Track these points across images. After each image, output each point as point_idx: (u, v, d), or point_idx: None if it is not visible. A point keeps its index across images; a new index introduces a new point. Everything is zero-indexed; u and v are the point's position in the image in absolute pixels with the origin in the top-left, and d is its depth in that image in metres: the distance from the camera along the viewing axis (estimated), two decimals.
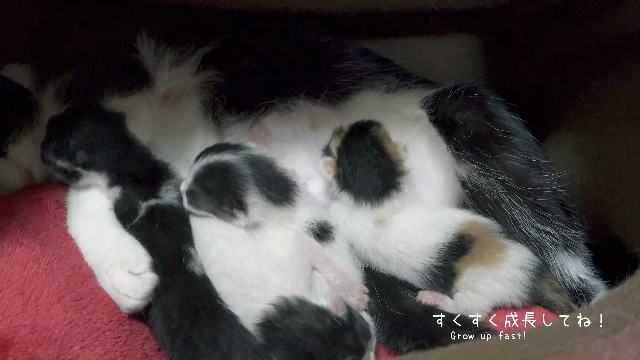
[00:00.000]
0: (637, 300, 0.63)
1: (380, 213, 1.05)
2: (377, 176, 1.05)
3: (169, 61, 1.26)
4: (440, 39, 1.56)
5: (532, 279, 0.96)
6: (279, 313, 0.89)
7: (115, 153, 1.05)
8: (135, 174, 1.06)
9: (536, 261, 0.98)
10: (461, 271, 0.99)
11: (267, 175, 1.02)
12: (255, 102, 1.21)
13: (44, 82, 1.20)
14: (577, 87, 1.26)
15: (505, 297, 0.97)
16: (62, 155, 1.03)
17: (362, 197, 1.05)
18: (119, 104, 1.16)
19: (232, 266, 0.96)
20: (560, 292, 0.97)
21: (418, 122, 1.17)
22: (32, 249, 0.90)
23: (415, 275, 1.02)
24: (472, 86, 1.10)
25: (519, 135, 1.06)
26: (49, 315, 0.82)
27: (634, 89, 1.00)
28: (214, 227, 1.01)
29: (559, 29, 1.33)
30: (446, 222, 1.03)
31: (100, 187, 1.07)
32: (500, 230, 1.02)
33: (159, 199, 1.07)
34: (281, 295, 0.90)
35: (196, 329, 0.89)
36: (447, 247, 1.00)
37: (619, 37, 1.08)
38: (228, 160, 1.02)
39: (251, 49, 1.27)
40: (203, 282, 0.96)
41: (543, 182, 1.03)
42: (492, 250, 0.99)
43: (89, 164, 1.04)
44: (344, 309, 0.88)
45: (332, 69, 1.22)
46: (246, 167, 1.01)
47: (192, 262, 0.98)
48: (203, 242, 1.01)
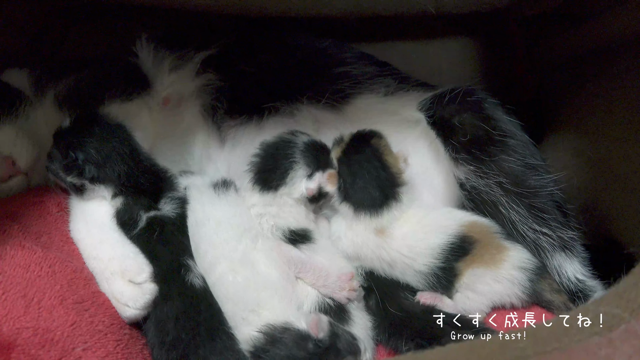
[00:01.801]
0: (633, 299, 0.63)
1: (380, 222, 1.05)
2: (376, 188, 1.05)
3: (168, 65, 1.26)
4: (439, 42, 1.58)
5: (531, 279, 0.97)
6: (265, 342, 0.89)
7: (124, 167, 1.05)
8: (139, 186, 1.06)
9: (535, 262, 0.99)
10: (462, 272, 0.99)
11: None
12: (256, 106, 1.21)
13: (43, 86, 1.21)
14: (574, 89, 1.26)
15: (504, 297, 0.97)
16: (71, 172, 1.03)
17: (361, 208, 1.05)
18: (121, 109, 1.17)
19: (235, 291, 0.97)
20: (558, 292, 0.97)
21: (418, 124, 1.18)
22: (34, 252, 0.91)
23: (419, 277, 1.03)
24: (469, 89, 1.10)
25: (516, 138, 1.07)
26: (51, 318, 0.83)
27: (631, 91, 1.01)
28: (218, 245, 1.02)
29: (556, 32, 1.34)
30: (447, 224, 1.04)
31: (104, 197, 1.07)
32: (500, 232, 1.02)
33: (158, 210, 1.07)
34: (269, 322, 0.91)
35: (193, 345, 0.89)
36: (449, 248, 1.01)
37: (616, 40, 1.08)
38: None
39: (251, 54, 1.28)
40: (203, 295, 0.96)
41: (540, 184, 1.04)
42: (493, 251, 0.99)
43: (97, 179, 1.04)
44: (323, 329, 0.88)
45: (332, 74, 1.23)
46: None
47: (191, 274, 0.98)
48: (205, 260, 1.01)
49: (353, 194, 1.06)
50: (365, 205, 1.05)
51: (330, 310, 0.97)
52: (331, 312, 0.97)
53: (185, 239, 1.04)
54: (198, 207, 1.07)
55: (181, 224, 1.05)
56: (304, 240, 1.05)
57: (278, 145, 1.09)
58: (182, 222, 1.06)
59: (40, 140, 1.16)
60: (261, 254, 1.01)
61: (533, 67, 1.50)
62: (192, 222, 1.05)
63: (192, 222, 1.05)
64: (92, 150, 1.04)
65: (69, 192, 1.09)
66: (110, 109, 1.17)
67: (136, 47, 1.27)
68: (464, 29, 1.57)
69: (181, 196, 1.09)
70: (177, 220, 1.06)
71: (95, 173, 1.03)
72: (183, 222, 1.06)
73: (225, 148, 1.24)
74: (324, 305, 0.98)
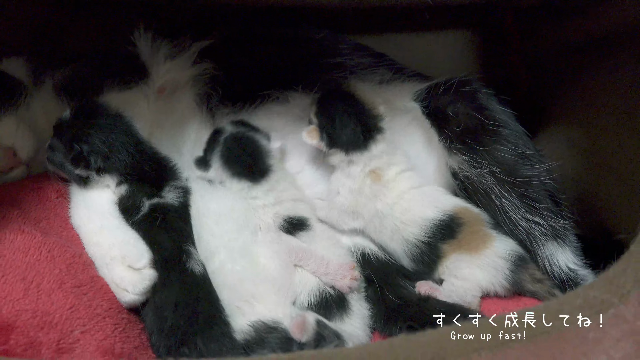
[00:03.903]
0: (622, 284, 0.65)
1: (373, 162, 1.07)
2: (356, 121, 1.07)
3: (165, 54, 1.27)
4: (436, 34, 1.58)
5: (512, 270, 0.99)
6: (252, 339, 0.90)
7: (129, 157, 1.05)
8: (143, 174, 1.07)
9: (519, 253, 1.01)
10: (446, 254, 1.02)
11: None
12: (251, 94, 1.22)
13: (41, 75, 1.22)
14: (569, 81, 1.28)
15: (488, 284, 0.99)
16: (79, 164, 1.03)
17: (350, 146, 1.07)
18: (119, 98, 1.17)
19: (232, 279, 0.98)
20: (541, 281, 0.99)
21: (407, 114, 1.19)
22: (34, 237, 0.92)
23: (405, 246, 1.05)
24: (463, 80, 1.12)
25: (509, 128, 1.08)
26: (50, 301, 0.84)
27: (625, 84, 1.03)
28: (219, 235, 1.03)
29: (551, 24, 1.35)
30: (443, 201, 1.07)
31: (107, 186, 1.07)
32: (489, 221, 1.04)
33: (162, 198, 1.07)
34: (260, 318, 0.92)
35: (191, 332, 0.90)
36: (439, 224, 1.03)
37: (610, 32, 1.10)
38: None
39: (248, 45, 1.28)
40: (203, 282, 0.97)
41: (532, 174, 1.05)
42: (478, 238, 1.02)
43: (103, 170, 1.04)
44: (308, 331, 0.87)
45: (326, 64, 1.24)
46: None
47: (192, 260, 0.99)
48: (207, 248, 1.02)
49: (337, 137, 1.08)
50: (352, 142, 1.07)
51: (331, 298, 0.99)
52: (331, 301, 0.98)
53: (188, 226, 1.05)
54: (198, 199, 1.08)
55: (184, 212, 1.06)
56: (302, 227, 1.07)
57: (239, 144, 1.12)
58: (184, 210, 1.06)
59: (39, 129, 1.16)
60: (261, 246, 1.03)
61: (528, 60, 1.50)
62: (194, 213, 1.07)
63: (194, 213, 1.07)
64: (97, 142, 1.03)
65: (69, 180, 1.09)
66: (108, 97, 1.17)
67: (134, 36, 1.27)
68: (460, 21, 1.57)
69: (184, 185, 1.10)
70: (180, 208, 1.06)
71: (102, 164, 1.03)
72: (186, 210, 1.06)
73: None
74: (324, 293, 0.99)
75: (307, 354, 0.74)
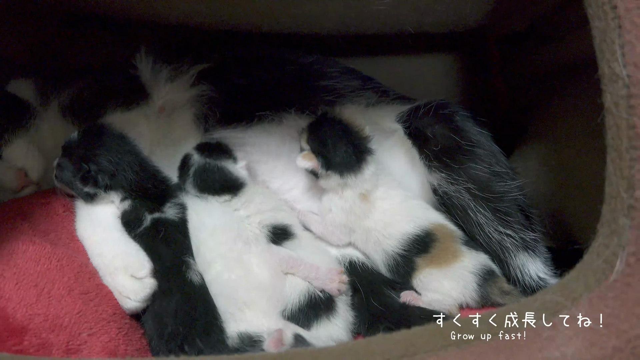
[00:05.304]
0: (574, 289, 0.71)
1: (363, 184, 1.12)
2: (347, 142, 1.11)
3: (165, 77, 1.31)
4: (421, 59, 1.64)
5: (479, 283, 1.04)
6: (240, 347, 0.94)
7: (134, 175, 1.10)
8: (146, 190, 1.12)
9: (487, 267, 1.06)
10: (419, 268, 1.07)
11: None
12: (246, 115, 1.25)
13: (47, 95, 1.26)
14: (543, 103, 1.34)
15: (458, 296, 1.04)
16: (87, 182, 1.08)
17: (345, 167, 1.10)
18: (122, 119, 1.22)
19: (228, 288, 1.02)
20: (509, 293, 1.04)
21: (392, 135, 1.23)
22: (44, 248, 0.97)
23: (384, 257, 1.11)
24: (442, 103, 1.16)
25: (484, 147, 1.12)
26: (60, 306, 0.89)
27: (587, 108, 1.07)
28: (214, 247, 1.08)
29: (529, 50, 1.41)
30: (421, 216, 1.11)
31: (112, 201, 1.12)
32: (462, 237, 1.10)
33: (163, 213, 1.11)
34: (245, 329, 0.96)
35: (190, 338, 0.94)
36: (415, 239, 1.09)
37: (578, 59, 1.13)
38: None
39: (243, 68, 1.32)
40: (200, 291, 1.01)
41: (504, 190, 1.09)
42: (448, 254, 1.07)
43: (110, 187, 1.09)
44: (284, 345, 0.90)
45: (316, 87, 1.28)
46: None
47: (191, 271, 1.03)
48: (204, 260, 1.06)
49: (332, 157, 1.11)
50: (346, 163, 1.10)
51: (319, 299, 1.04)
52: (319, 301, 1.04)
53: (187, 239, 1.09)
54: (194, 214, 1.13)
55: (183, 226, 1.11)
56: (287, 237, 1.12)
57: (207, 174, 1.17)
58: (183, 224, 1.11)
59: (46, 148, 1.20)
60: (255, 256, 1.07)
61: (508, 83, 1.56)
62: (191, 227, 1.11)
63: (191, 227, 1.12)
64: (104, 161, 1.09)
65: (75, 196, 1.13)
66: (112, 118, 1.22)
67: (136, 59, 1.31)
68: (444, 47, 1.63)
69: (182, 202, 1.14)
70: (179, 223, 1.11)
71: (109, 182, 1.08)
72: (184, 225, 1.11)
73: None
74: (313, 295, 1.04)
75: (294, 352, 0.80)
